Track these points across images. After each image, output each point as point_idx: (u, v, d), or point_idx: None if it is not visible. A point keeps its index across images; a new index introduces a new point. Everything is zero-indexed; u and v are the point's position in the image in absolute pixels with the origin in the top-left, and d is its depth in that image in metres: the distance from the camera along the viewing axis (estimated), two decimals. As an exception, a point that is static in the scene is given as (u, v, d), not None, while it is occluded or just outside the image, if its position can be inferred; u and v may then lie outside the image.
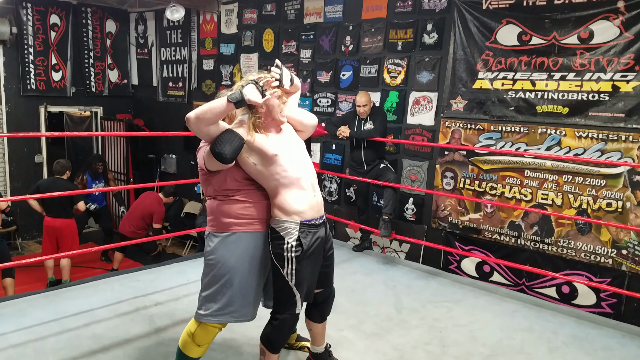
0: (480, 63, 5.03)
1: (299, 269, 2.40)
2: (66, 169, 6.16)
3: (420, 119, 5.59)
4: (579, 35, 4.46)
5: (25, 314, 3.37)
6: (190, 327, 2.53)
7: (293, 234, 2.39)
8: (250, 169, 2.43)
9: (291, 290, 2.42)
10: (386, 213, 4.88)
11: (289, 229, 2.39)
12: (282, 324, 2.46)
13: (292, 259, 2.39)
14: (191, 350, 2.53)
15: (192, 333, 2.50)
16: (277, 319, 2.46)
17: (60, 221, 6.14)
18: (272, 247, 2.43)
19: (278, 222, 2.42)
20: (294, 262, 2.39)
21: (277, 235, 2.41)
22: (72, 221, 6.27)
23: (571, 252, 4.65)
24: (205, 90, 8.18)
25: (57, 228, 6.15)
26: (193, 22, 8.22)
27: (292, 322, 2.50)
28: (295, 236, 2.39)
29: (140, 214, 6.82)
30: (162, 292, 3.82)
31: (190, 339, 2.51)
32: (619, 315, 4.32)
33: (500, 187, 5.02)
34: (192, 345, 2.52)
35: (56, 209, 6.11)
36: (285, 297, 2.44)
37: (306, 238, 2.41)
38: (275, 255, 2.42)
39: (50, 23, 8.36)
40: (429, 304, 3.90)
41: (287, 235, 2.38)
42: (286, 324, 2.47)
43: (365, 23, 6.00)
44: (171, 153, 9.02)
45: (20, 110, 8.20)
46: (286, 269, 2.39)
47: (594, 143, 4.47)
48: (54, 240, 6.21)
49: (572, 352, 3.26)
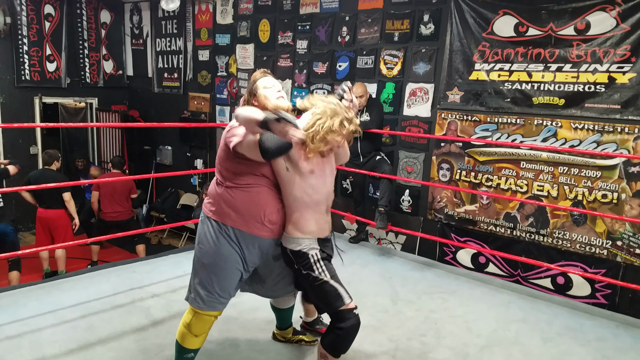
0: (477, 54, 5.02)
1: (327, 265, 2.46)
2: (54, 159, 6.14)
3: (416, 110, 5.59)
4: (576, 27, 4.45)
5: (21, 306, 3.36)
6: (186, 318, 2.54)
7: (315, 247, 2.44)
8: (281, 170, 2.38)
9: (330, 286, 2.41)
10: (382, 205, 4.88)
11: (310, 245, 2.44)
12: (348, 332, 2.40)
13: (320, 262, 2.44)
14: (189, 342, 2.53)
15: (188, 324, 2.51)
16: (341, 328, 2.39)
17: (52, 212, 6.14)
18: (299, 265, 2.45)
19: (296, 240, 2.44)
20: (322, 263, 2.45)
21: (301, 253, 2.44)
22: (64, 212, 6.24)
23: (566, 244, 4.67)
24: (201, 81, 8.14)
25: (49, 219, 6.15)
26: (188, 13, 8.17)
27: (356, 327, 2.42)
28: (318, 248, 2.45)
29: (124, 194, 6.80)
30: (158, 284, 3.83)
31: (187, 330, 2.51)
32: (613, 306, 4.35)
33: (496, 178, 5.03)
34: (189, 337, 2.52)
35: (47, 200, 6.11)
36: (330, 297, 2.41)
37: (326, 248, 2.50)
38: (305, 268, 2.44)
39: (45, 13, 8.29)
40: (424, 295, 3.91)
41: (310, 250, 2.43)
42: (352, 330, 2.41)
43: (361, 14, 5.97)
44: (167, 145, 8.99)
45: (14, 101, 8.14)
46: (317, 271, 2.42)
47: (589, 134, 4.48)
48: (47, 231, 6.21)
49: (566, 343, 3.28)
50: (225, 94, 7.80)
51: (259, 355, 2.93)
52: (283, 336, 3.08)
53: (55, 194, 6.07)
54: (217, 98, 7.93)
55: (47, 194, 6.04)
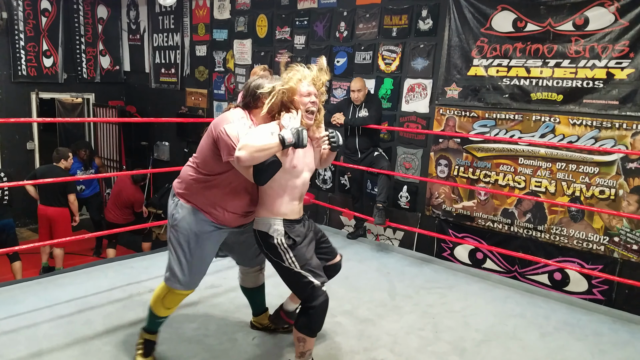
0: (475, 50, 5.01)
1: (297, 254, 2.47)
2: (62, 157, 6.15)
3: (414, 106, 5.58)
4: (574, 22, 4.44)
5: (18, 301, 3.36)
6: (160, 292, 2.64)
7: (280, 230, 2.48)
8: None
9: (300, 274, 2.46)
10: (380, 201, 4.88)
11: (275, 225, 2.48)
12: (319, 308, 2.46)
13: (287, 249, 2.47)
14: (160, 311, 2.67)
15: (162, 298, 2.63)
16: (313, 307, 2.44)
17: (53, 209, 6.12)
18: (265, 247, 2.52)
19: (264, 221, 2.50)
20: (289, 250, 2.47)
21: (265, 234, 2.49)
22: (65, 210, 6.23)
23: (564, 239, 4.68)
24: (198, 77, 8.11)
25: (49, 216, 6.14)
26: (185, 8, 8.14)
27: (326, 302, 2.48)
28: (282, 231, 2.48)
29: (123, 205, 6.84)
30: (155, 279, 3.81)
31: (160, 302, 2.63)
32: (610, 301, 4.36)
33: (494, 174, 5.03)
34: (161, 307, 2.65)
35: (50, 197, 6.10)
36: (301, 284, 2.47)
37: (291, 231, 2.50)
38: (270, 252, 2.49)
39: (41, 8, 8.25)
40: (422, 290, 3.92)
41: (274, 232, 2.48)
42: (323, 306, 2.47)
43: (359, 9, 5.96)
44: (164, 140, 8.97)
45: (11, 96, 8.11)
46: (286, 261, 2.46)
47: (587, 130, 4.47)
48: (47, 227, 6.20)
49: (563, 337, 3.29)
50: (222, 89, 7.78)
51: (256, 349, 2.93)
52: (259, 322, 3.13)
53: (57, 192, 6.06)
54: (215, 93, 7.91)
55: (50, 191, 6.03)
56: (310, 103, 2.46)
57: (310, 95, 2.46)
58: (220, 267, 3.78)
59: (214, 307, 3.42)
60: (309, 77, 2.48)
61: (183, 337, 3.00)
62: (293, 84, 2.45)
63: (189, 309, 3.32)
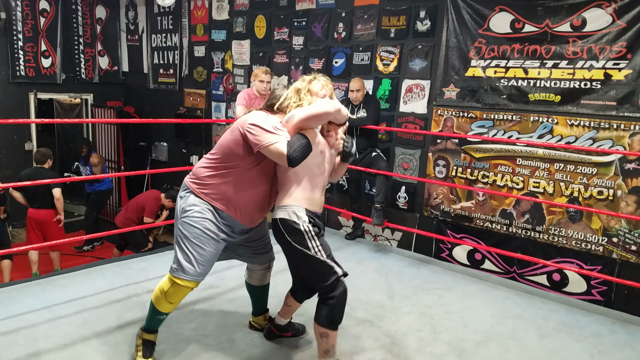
0: (473, 51, 5.02)
1: (322, 243, 2.50)
2: (47, 157, 6.00)
3: (412, 106, 5.58)
4: (572, 23, 4.45)
5: (16, 302, 3.35)
6: (164, 285, 2.61)
7: (304, 217, 2.49)
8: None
9: (326, 264, 2.47)
10: (378, 201, 4.88)
11: (299, 212, 2.49)
12: (340, 298, 2.47)
13: (313, 237, 2.47)
14: (163, 306, 2.63)
15: (165, 291, 2.59)
16: (334, 297, 2.45)
17: (44, 212, 5.99)
18: (289, 236, 2.49)
19: (288, 209, 2.49)
20: (316, 239, 2.48)
21: (289, 221, 2.48)
22: (56, 211, 6.08)
23: (562, 240, 4.68)
24: (197, 77, 8.11)
25: (40, 220, 6.00)
26: (184, 8, 8.14)
27: (346, 292, 2.49)
28: (307, 218, 2.49)
29: (135, 206, 6.72)
30: (153, 280, 3.80)
31: (163, 296, 2.60)
32: (609, 302, 4.37)
33: (492, 175, 5.04)
34: (164, 302, 2.61)
35: (39, 200, 5.95)
36: (325, 274, 2.47)
37: (314, 220, 2.53)
38: (294, 240, 2.48)
39: (40, 9, 8.25)
40: (420, 291, 3.91)
41: (299, 219, 2.48)
42: (343, 296, 2.48)
43: (358, 10, 5.96)
44: (162, 141, 8.97)
45: (9, 97, 8.11)
46: (312, 249, 2.46)
47: (585, 131, 4.48)
48: (38, 232, 6.05)
49: (562, 338, 3.29)
50: (221, 90, 7.78)
51: (254, 350, 2.92)
52: (259, 323, 3.12)
53: (47, 193, 5.92)
54: (213, 94, 7.91)
55: (40, 193, 5.89)
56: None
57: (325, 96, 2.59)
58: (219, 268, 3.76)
59: (212, 307, 3.42)
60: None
61: (181, 337, 2.99)
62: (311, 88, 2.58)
63: (188, 309, 3.32)
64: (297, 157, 2.35)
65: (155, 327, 2.74)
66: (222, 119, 7.63)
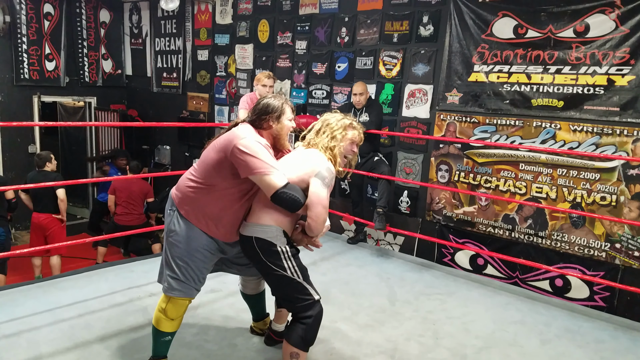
0: (476, 56, 5.02)
1: (298, 264, 2.49)
2: (46, 160, 5.96)
3: (415, 111, 5.59)
4: (575, 29, 4.45)
5: (19, 305, 3.35)
6: (161, 303, 2.59)
7: (281, 239, 2.47)
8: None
9: (301, 285, 2.46)
10: (380, 206, 4.87)
11: (278, 233, 2.47)
12: (316, 318, 2.46)
13: (290, 257, 2.46)
14: (165, 325, 2.60)
15: (163, 309, 2.57)
16: (310, 317, 2.44)
17: (46, 216, 5.97)
18: (264, 255, 2.46)
19: (266, 229, 2.46)
20: (292, 259, 2.47)
21: (266, 241, 2.46)
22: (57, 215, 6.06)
23: (565, 246, 4.67)
24: (200, 81, 8.13)
25: (43, 224, 5.98)
26: (187, 12, 8.16)
27: (321, 314, 2.49)
28: (284, 240, 2.48)
29: (140, 198, 6.84)
30: (155, 284, 3.77)
31: (163, 314, 2.58)
32: (612, 308, 4.35)
33: (495, 180, 5.03)
34: (165, 320, 2.58)
35: (43, 203, 5.95)
36: (301, 296, 2.46)
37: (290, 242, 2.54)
38: (270, 260, 2.46)
39: (44, 12, 8.28)
40: (422, 296, 3.91)
41: (277, 240, 2.46)
42: (319, 317, 2.47)
43: (361, 14, 5.97)
44: (165, 144, 8.98)
45: (13, 100, 8.13)
46: (289, 269, 2.45)
47: (588, 137, 4.48)
48: (41, 237, 6.03)
49: (564, 345, 3.28)
50: (224, 94, 7.80)
51: (256, 355, 2.92)
52: (260, 328, 3.12)
53: (51, 196, 5.92)
54: (216, 98, 7.92)
55: (45, 196, 5.90)
56: (352, 152, 2.81)
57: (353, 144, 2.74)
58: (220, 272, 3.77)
59: (213, 312, 3.42)
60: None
61: (182, 342, 2.99)
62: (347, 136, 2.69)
63: (189, 314, 3.31)
64: (284, 199, 2.36)
65: (164, 352, 2.68)
66: (225, 122, 7.64)
